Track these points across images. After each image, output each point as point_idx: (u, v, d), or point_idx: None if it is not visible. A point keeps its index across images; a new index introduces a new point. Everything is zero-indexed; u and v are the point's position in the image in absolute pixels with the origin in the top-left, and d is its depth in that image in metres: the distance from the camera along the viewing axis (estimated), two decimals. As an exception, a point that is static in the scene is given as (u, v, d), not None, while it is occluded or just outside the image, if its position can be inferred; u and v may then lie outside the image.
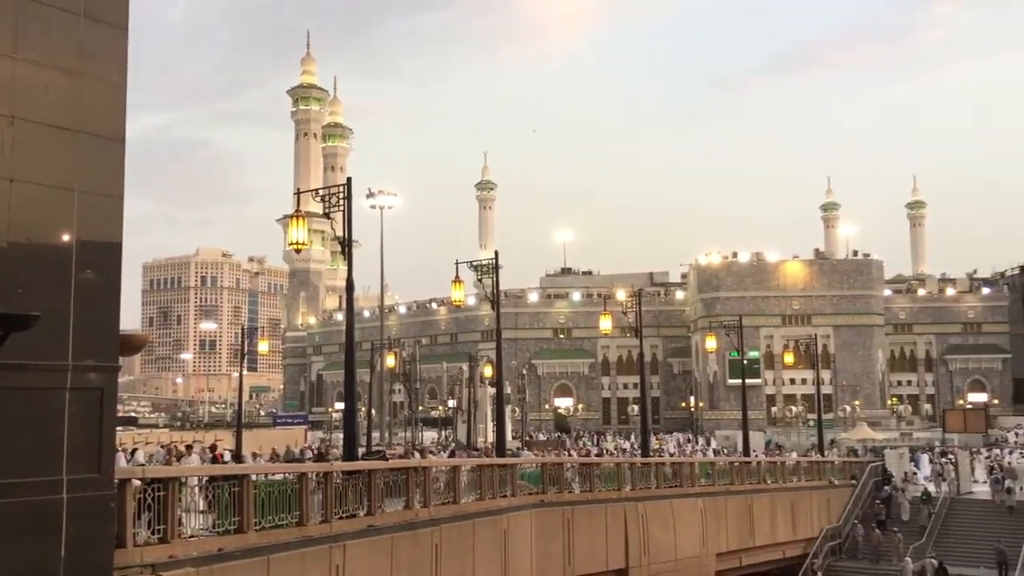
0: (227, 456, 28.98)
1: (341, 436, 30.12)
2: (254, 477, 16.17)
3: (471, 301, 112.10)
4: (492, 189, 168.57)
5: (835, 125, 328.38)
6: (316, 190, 22.62)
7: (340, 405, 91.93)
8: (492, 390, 54.38)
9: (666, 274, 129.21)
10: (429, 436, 72.06)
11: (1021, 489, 42.00)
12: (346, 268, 22.22)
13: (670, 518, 31.74)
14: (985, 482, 44.82)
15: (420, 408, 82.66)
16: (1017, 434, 79.00)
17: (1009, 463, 47.87)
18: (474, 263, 31.55)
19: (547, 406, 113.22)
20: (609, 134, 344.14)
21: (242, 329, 67.14)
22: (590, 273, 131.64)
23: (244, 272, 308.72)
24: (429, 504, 20.79)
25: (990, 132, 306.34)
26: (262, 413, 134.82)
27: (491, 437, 50.47)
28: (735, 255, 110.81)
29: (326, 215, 21.75)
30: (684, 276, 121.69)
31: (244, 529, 15.31)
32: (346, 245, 21.69)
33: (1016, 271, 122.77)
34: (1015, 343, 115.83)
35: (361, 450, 28.95)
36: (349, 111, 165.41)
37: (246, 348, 57.16)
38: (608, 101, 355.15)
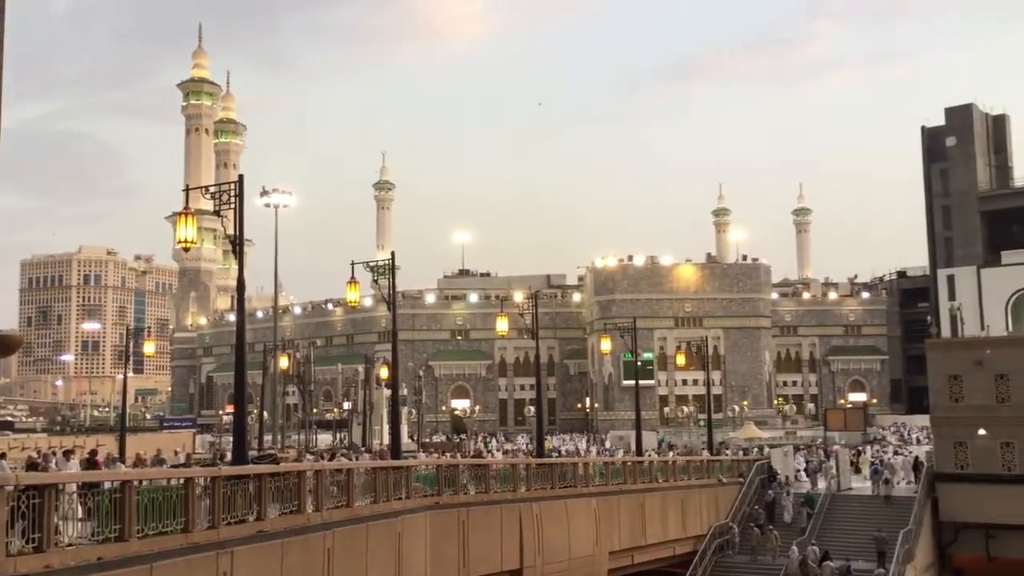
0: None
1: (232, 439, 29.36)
2: (136, 483, 15.61)
3: (368, 302, 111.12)
4: (390, 189, 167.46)
5: (729, 132, 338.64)
6: (206, 187, 22.04)
7: (231, 408, 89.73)
8: (388, 392, 53.98)
9: (563, 276, 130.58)
10: (324, 439, 70.96)
11: (898, 483, 44.05)
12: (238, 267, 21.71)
13: (564, 518, 32.02)
14: (865, 477, 46.72)
15: (314, 410, 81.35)
16: (892, 432, 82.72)
17: (888, 458, 50.07)
18: (370, 264, 31.17)
19: (444, 408, 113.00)
20: (508, 136, 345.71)
21: (127, 329, 64.81)
22: (488, 275, 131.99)
23: (130, 271, 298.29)
24: (322, 508, 20.46)
25: (872, 142, 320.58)
26: (148, 416, 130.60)
27: (387, 439, 50.05)
28: (631, 258, 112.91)
29: (216, 213, 21.19)
30: (581, 279, 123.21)
31: (126, 537, 14.77)
32: (237, 244, 21.19)
33: (893, 276, 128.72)
34: (892, 345, 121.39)
35: (253, 453, 28.34)
36: (243, 107, 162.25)
37: (131, 349, 55.16)
38: (508, 103, 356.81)
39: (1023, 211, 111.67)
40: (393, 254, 31.22)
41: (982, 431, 39.73)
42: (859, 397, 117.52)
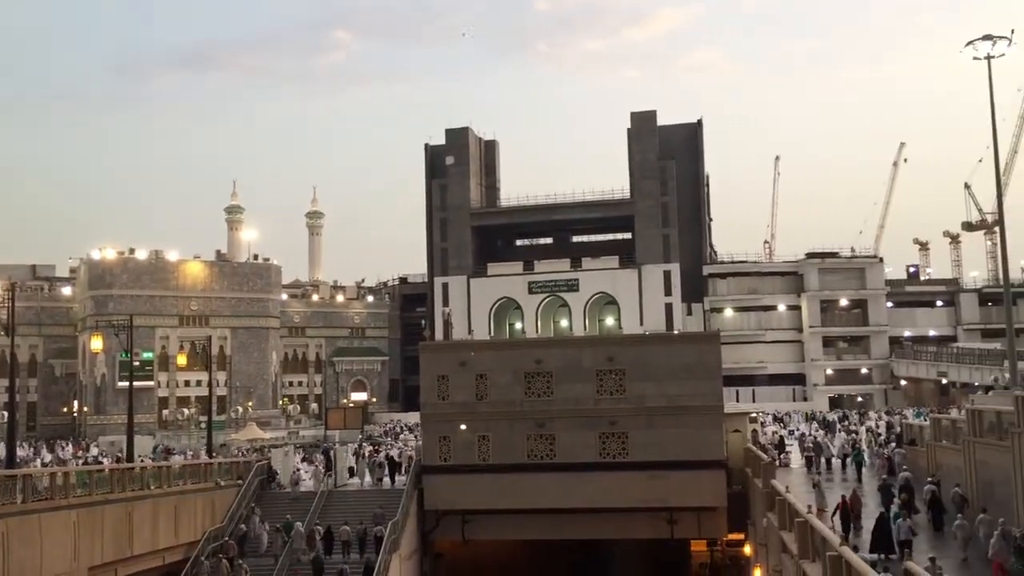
0: None
1: None
2: None
3: None
4: None
5: (245, 130, 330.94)
6: None
7: None
8: None
9: (53, 267, 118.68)
10: None
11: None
12: None
13: (37, 535, 28.82)
14: (356, 474, 48.60)
15: None
16: (388, 429, 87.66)
17: (388, 454, 52.17)
18: None
19: None
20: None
21: None
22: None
23: None
24: None
25: (385, 153, 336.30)
26: None
27: None
28: (132, 251, 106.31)
29: None
30: (74, 271, 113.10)
31: None
32: None
33: (396, 282, 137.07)
34: (392, 347, 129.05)
35: None
36: None
37: None
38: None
39: (507, 228, 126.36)
40: None
41: (463, 426, 43.49)
42: (361, 396, 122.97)
